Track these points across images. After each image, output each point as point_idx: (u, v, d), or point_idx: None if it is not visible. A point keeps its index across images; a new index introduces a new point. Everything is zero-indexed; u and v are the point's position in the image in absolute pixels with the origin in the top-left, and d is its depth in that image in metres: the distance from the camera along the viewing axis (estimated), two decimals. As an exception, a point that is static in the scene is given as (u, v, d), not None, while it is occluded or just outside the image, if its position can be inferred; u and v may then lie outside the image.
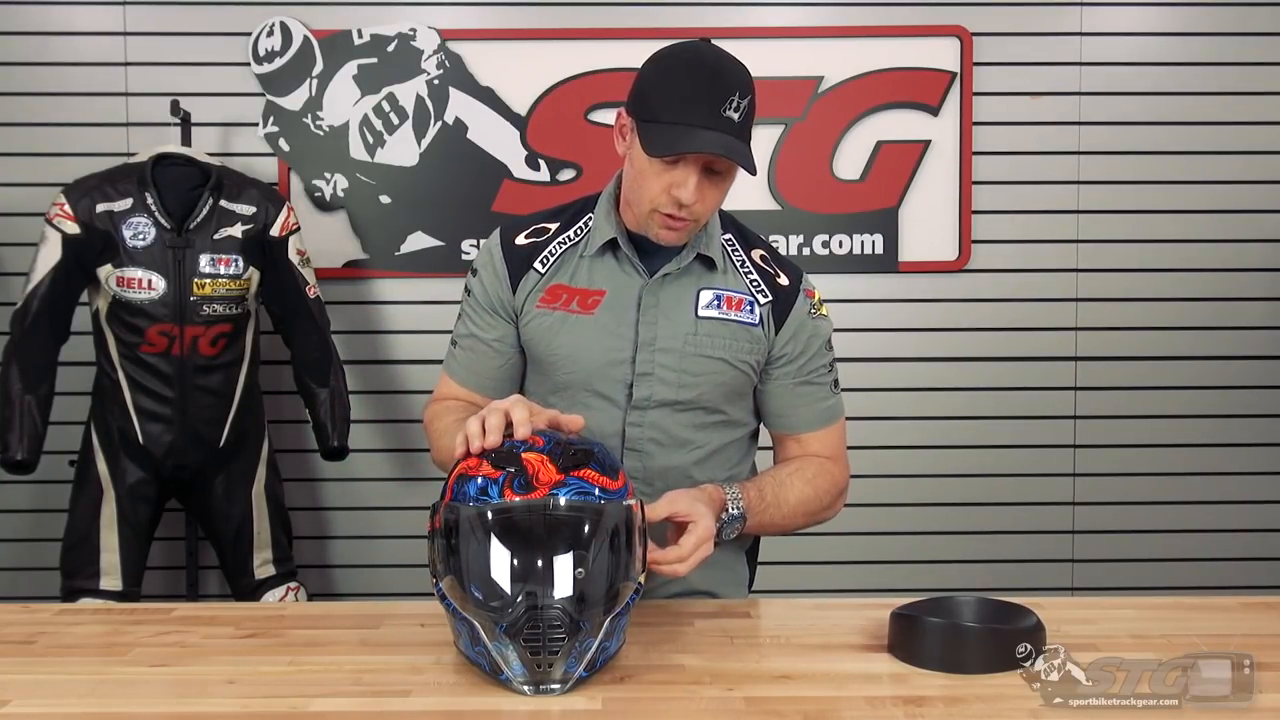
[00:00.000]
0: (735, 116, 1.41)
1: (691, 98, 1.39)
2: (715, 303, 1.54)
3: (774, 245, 1.66)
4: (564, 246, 1.57)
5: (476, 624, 1.16)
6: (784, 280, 1.59)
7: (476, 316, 1.61)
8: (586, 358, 1.53)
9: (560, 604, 1.14)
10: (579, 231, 1.58)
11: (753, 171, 1.42)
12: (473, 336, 1.61)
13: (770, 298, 1.56)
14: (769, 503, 1.52)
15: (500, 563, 1.16)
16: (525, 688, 1.14)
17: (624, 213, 1.55)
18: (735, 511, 1.46)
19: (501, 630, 1.14)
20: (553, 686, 1.14)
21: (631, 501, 1.23)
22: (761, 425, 1.67)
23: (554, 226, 1.59)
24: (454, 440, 1.27)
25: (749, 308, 1.55)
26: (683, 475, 1.56)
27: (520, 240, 1.58)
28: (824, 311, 1.62)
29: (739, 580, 1.69)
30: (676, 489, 1.46)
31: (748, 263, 1.58)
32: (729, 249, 1.58)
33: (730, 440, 1.61)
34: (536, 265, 1.56)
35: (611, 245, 1.55)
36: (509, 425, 1.26)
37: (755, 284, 1.57)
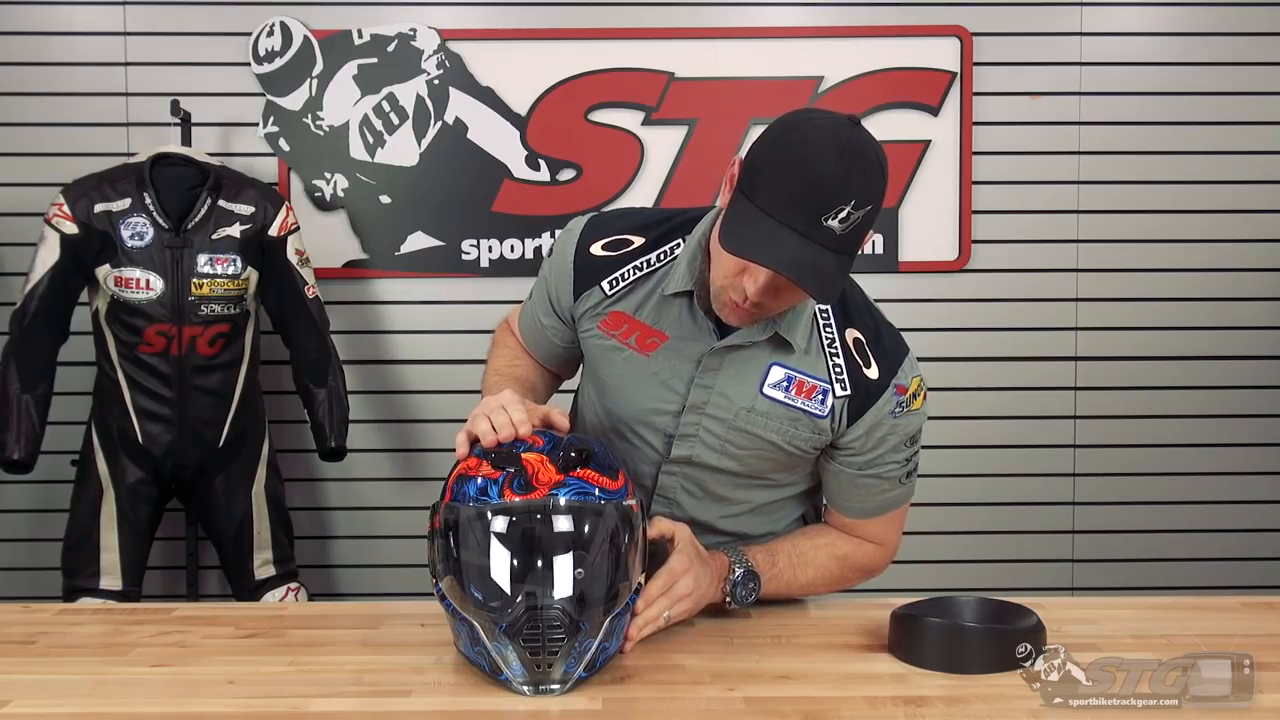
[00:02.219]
0: (838, 228, 1.19)
1: (796, 196, 1.19)
2: (785, 384, 1.38)
3: (884, 321, 1.48)
4: (640, 272, 1.43)
5: (476, 624, 1.16)
6: (872, 373, 1.40)
7: (540, 297, 1.54)
8: (632, 397, 1.44)
9: (560, 604, 1.14)
10: (661, 258, 1.43)
11: (823, 300, 1.30)
12: (534, 316, 1.57)
13: (848, 391, 1.39)
14: (780, 569, 1.42)
15: (500, 563, 1.16)
16: (525, 688, 1.14)
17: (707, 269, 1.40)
18: (740, 570, 1.38)
19: (501, 630, 1.14)
20: (552, 687, 1.14)
21: (631, 502, 1.23)
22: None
23: (638, 243, 1.44)
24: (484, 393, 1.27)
25: (821, 397, 1.38)
26: (713, 531, 1.48)
27: (596, 250, 1.46)
28: (917, 406, 1.43)
29: None
30: (703, 536, 1.42)
31: (837, 344, 1.40)
32: (819, 323, 1.41)
33: (774, 500, 1.51)
34: (604, 285, 1.44)
35: (686, 293, 1.40)
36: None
37: (838, 371, 1.39)
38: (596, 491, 1.19)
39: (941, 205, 2.99)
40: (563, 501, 1.17)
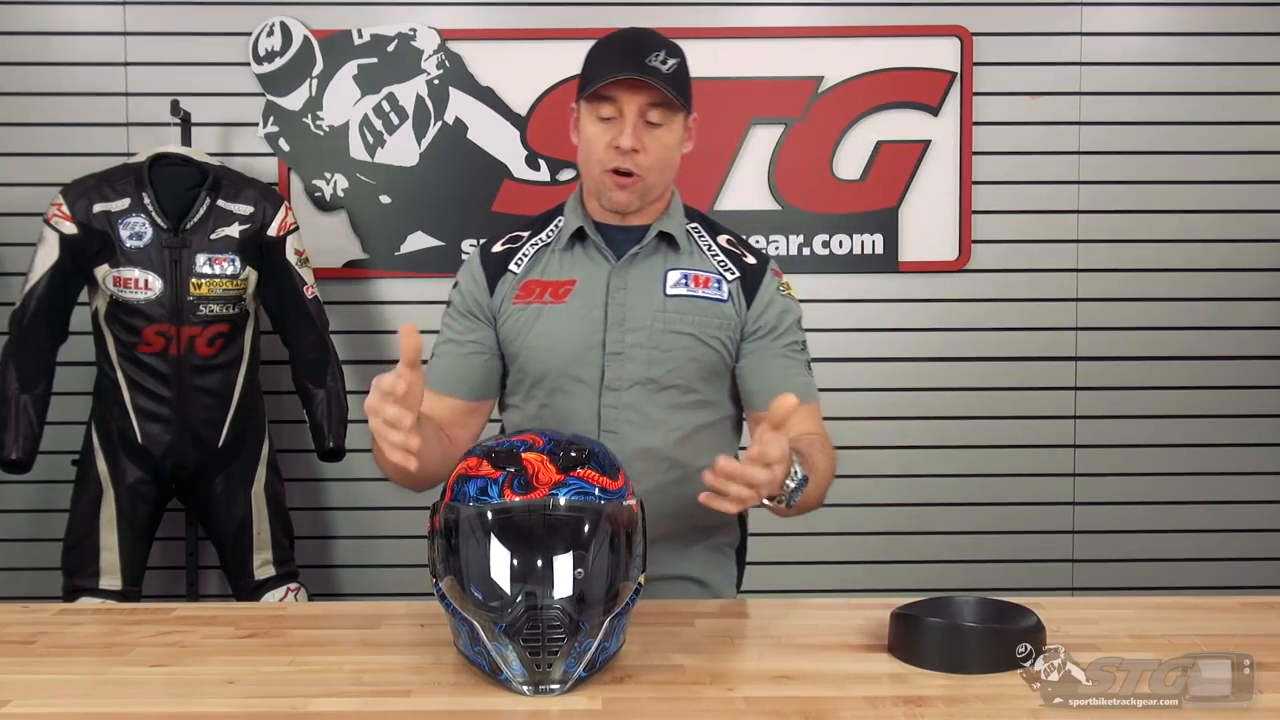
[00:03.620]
0: (663, 68, 1.50)
1: (619, 54, 1.51)
2: (683, 281, 1.59)
3: (743, 237, 1.73)
4: (536, 246, 1.63)
5: (476, 624, 1.15)
6: (751, 259, 1.64)
7: (454, 323, 1.64)
8: (560, 345, 1.56)
9: (560, 604, 1.14)
10: (550, 232, 1.64)
11: (684, 107, 1.53)
12: (449, 342, 1.64)
13: (738, 274, 1.61)
14: (810, 465, 1.40)
15: (500, 563, 1.16)
16: (524, 688, 1.14)
17: (588, 202, 1.63)
18: (800, 475, 1.33)
19: (501, 630, 1.14)
20: (552, 687, 1.14)
21: (631, 501, 1.23)
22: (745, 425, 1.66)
23: (527, 233, 1.66)
24: (385, 463, 1.33)
25: (717, 284, 1.59)
26: (660, 457, 1.56)
27: (496, 248, 1.65)
28: (793, 294, 1.65)
29: (728, 575, 1.70)
30: (655, 469, 1.51)
31: (714, 245, 1.64)
32: (694, 234, 1.64)
33: (708, 423, 1.61)
34: (512, 267, 1.62)
35: (579, 236, 1.61)
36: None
37: (722, 263, 1.62)
38: (596, 491, 1.19)
39: (941, 205, 2.99)
40: (563, 501, 1.17)
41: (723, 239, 1.66)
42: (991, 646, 1.20)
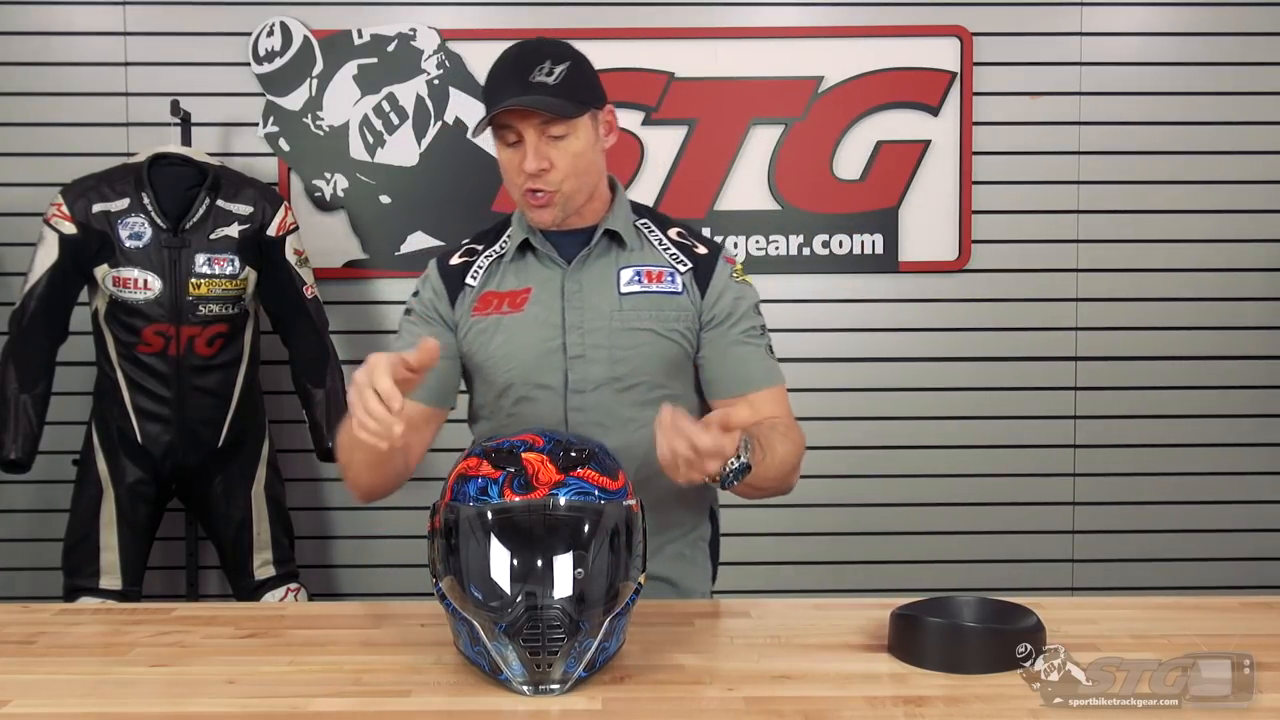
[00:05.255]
0: (550, 80, 1.48)
1: (504, 77, 1.50)
2: (636, 278, 1.59)
3: (694, 228, 1.72)
4: (490, 259, 1.64)
5: (476, 624, 1.16)
6: (702, 250, 1.64)
7: (414, 329, 1.63)
8: (521, 353, 1.57)
9: (560, 604, 1.14)
10: (503, 245, 1.65)
11: (562, 115, 1.49)
12: (409, 348, 1.58)
13: (690, 265, 1.62)
14: (765, 449, 1.41)
15: (500, 563, 1.16)
16: (525, 688, 1.14)
17: None
18: (744, 459, 1.32)
19: (501, 630, 1.14)
20: (552, 687, 1.14)
21: (631, 501, 1.23)
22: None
23: (480, 246, 1.67)
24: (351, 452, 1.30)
25: (670, 278, 1.60)
26: (630, 456, 1.53)
27: (453, 261, 1.66)
28: (747, 280, 1.66)
29: (702, 573, 1.69)
30: (626, 470, 1.46)
31: (665, 239, 1.64)
32: (643, 230, 1.65)
33: None
34: (469, 280, 1.63)
35: (528, 245, 1.61)
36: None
37: (674, 256, 1.63)
38: (596, 491, 1.19)
39: (941, 205, 2.99)
40: (563, 501, 1.17)
41: (673, 232, 1.66)
42: (991, 646, 1.20)
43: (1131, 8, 3.01)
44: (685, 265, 1.61)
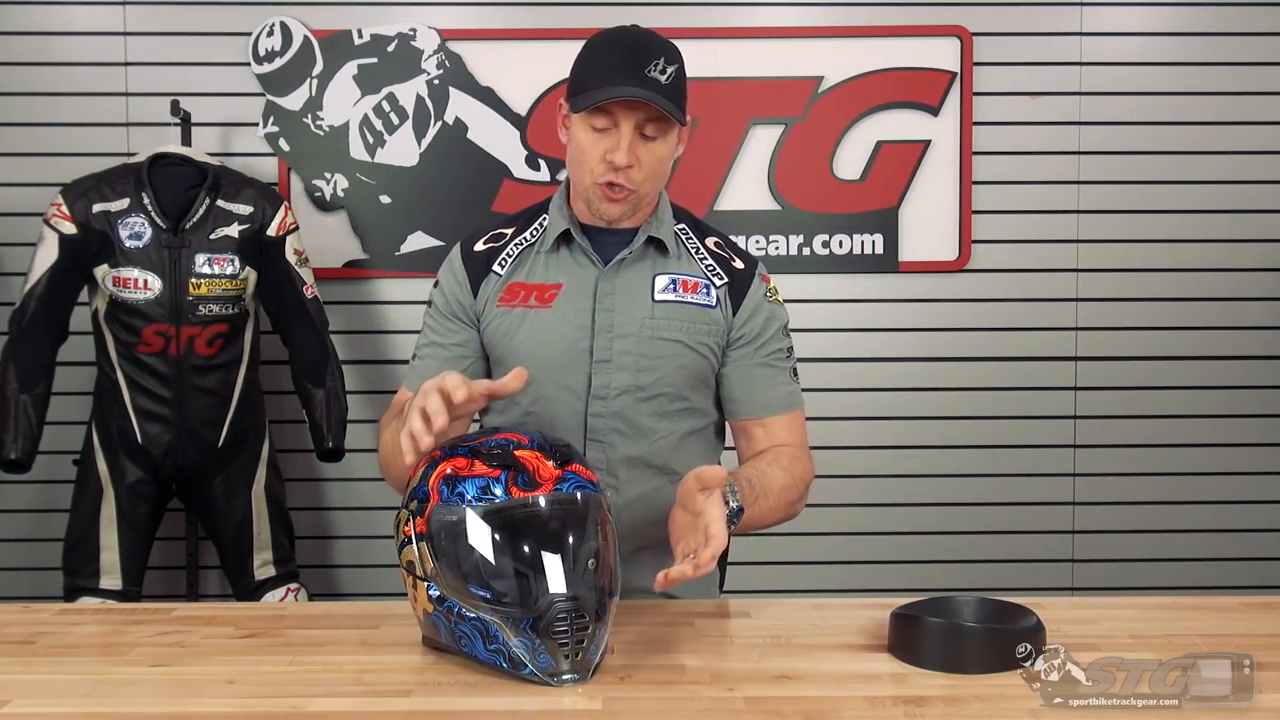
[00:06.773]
0: (662, 79, 1.44)
1: (617, 63, 1.44)
2: (671, 287, 1.56)
3: (730, 239, 1.70)
4: (521, 247, 1.59)
5: (494, 622, 1.16)
6: (739, 265, 1.61)
7: (437, 325, 1.61)
8: (546, 350, 1.53)
9: (584, 594, 1.17)
10: (535, 232, 1.60)
11: (680, 121, 1.47)
12: (433, 345, 1.60)
13: (726, 280, 1.58)
14: (758, 493, 1.43)
15: (520, 559, 1.17)
16: (552, 679, 1.15)
17: (574, 204, 1.58)
18: (734, 505, 1.35)
19: (527, 626, 1.15)
20: (583, 675, 1.16)
21: (606, 493, 1.28)
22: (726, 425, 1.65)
23: (510, 230, 1.62)
24: (397, 440, 1.24)
25: (705, 290, 1.57)
26: (647, 465, 1.55)
27: (479, 247, 1.61)
28: (780, 299, 1.63)
29: (711, 580, 1.69)
30: (641, 476, 1.51)
31: (702, 249, 1.61)
32: (682, 236, 1.61)
33: (694, 429, 1.59)
34: (495, 268, 1.58)
35: (565, 238, 1.57)
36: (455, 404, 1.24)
37: (710, 268, 1.59)
38: (591, 484, 1.23)
39: (941, 205, 2.99)
40: (577, 495, 1.20)
41: (710, 241, 1.62)
42: (991, 646, 1.20)
43: (1131, 8, 3.01)
44: (721, 279, 1.58)
